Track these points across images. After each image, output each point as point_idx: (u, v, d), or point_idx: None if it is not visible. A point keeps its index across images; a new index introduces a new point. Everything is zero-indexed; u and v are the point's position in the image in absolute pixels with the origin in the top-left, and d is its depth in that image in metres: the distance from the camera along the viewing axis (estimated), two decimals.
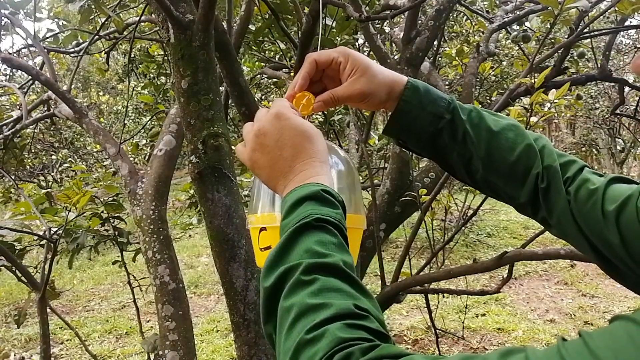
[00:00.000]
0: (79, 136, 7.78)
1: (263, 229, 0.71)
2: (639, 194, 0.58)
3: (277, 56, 2.95)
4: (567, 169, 0.66)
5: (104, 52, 2.79)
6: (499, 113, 0.71)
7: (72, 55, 2.76)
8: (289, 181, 0.58)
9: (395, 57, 2.13)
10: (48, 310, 1.81)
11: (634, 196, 0.58)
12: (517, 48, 3.52)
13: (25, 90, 2.63)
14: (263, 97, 4.53)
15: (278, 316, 0.48)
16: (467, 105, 0.69)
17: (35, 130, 3.70)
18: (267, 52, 3.05)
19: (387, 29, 2.54)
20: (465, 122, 0.67)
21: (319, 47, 0.94)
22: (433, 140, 0.68)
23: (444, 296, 3.90)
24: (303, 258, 0.49)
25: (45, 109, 2.52)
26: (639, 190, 0.58)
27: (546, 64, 2.49)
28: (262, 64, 3.03)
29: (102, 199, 2.27)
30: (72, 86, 2.27)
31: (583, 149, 9.52)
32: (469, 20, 3.66)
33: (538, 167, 0.65)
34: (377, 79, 0.66)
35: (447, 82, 4.42)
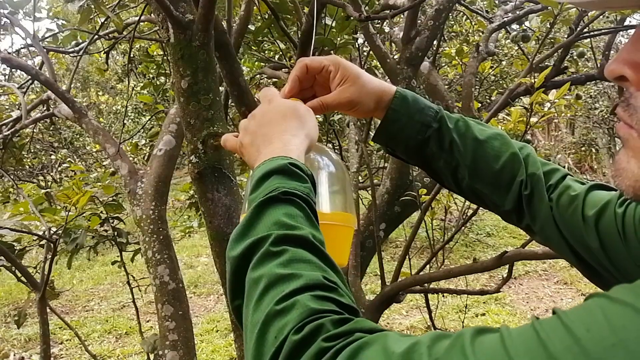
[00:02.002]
0: (78, 136, 7.76)
1: None
2: (617, 200, 0.60)
3: (277, 56, 2.95)
4: (550, 177, 0.68)
5: (103, 52, 2.78)
6: (485, 123, 0.73)
7: (71, 55, 2.75)
8: (260, 155, 0.59)
9: (395, 56, 2.13)
10: (48, 310, 1.81)
11: (613, 202, 0.60)
12: (516, 48, 3.52)
13: (25, 90, 2.63)
14: None
15: (246, 288, 0.47)
16: (454, 115, 0.71)
17: (35, 130, 3.69)
18: (266, 52, 3.05)
19: (386, 29, 2.54)
20: (452, 130, 0.68)
21: (311, 49, 0.94)
22: (420, 149, 0.70)
23: (443, 296, 3.90)
24: (271, 230, 0.49)
25: (45, 108, 2.52)
26: (617, 196, 0.61)
27: (546, 63, 2.49)
28: (262, 63, 3.03)
29: (101, 199, 2.27)
30: (72, 86, 2.27)
31: (582, 148, 9.51)
32: (468, 20, 3.66)
33: (522, 174, 0.67)
34: (366, 88, 0.67)
35: (446, 82, 4.42)
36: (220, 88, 1.45)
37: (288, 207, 0.51)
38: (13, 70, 3.23)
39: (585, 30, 2.10)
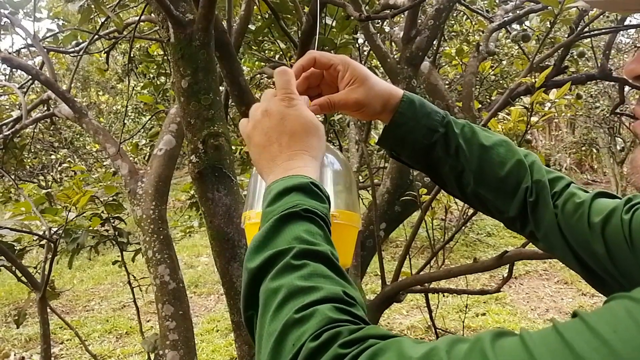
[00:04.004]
0: (78, 136, 7.76)
1: None
2: (622, 207, 0.61)
3: (277, 56, 2.95)
4: (555, 184, 0.68)
5: (103, 51, 2.78)
6: (485, 122, 0.73)
7: (71, 55, 2.76)
8: (275, 166, 0.58)
9: (395, 56, 2.12)
10: (48, 310, 1.81)
11: (619, 209, 0.61)
12: (517, 47, 3.52)
13: (25, 90, 2.63)
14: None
15: (263, 297, 0.47)
16: (460, 120, 0.71)
17: (35, 130, 3.69)
18: (267, 51, 3.05)
19: (387, 29, 2.54)
20: (459, 136, 0.68)
21: (315, 48, 0.94)
22: (426, 153, 0.70)
23: (444, 295, 3.90)
24: (292, 244, 0.49)
25: (45, 108, 2.52)
26: (623, 203, 0.61)
27: (546, 63, 2.49)
28: (262, 63, 3.03)
29: (102, 199, 2.27)
30: (72, 86, 2.27)
31: (583, 148, 9.51)
32: (468, 20, 3.66)
33: (527, 181, 0.67)
34: (374, 91, 0.67)
35: (447, 82, 4.41)
36: (220, 88, 1.45)
37: (308, 224, 0.52)
38: (13, 70, 3.23)
39: (586, 29, 2.10)
